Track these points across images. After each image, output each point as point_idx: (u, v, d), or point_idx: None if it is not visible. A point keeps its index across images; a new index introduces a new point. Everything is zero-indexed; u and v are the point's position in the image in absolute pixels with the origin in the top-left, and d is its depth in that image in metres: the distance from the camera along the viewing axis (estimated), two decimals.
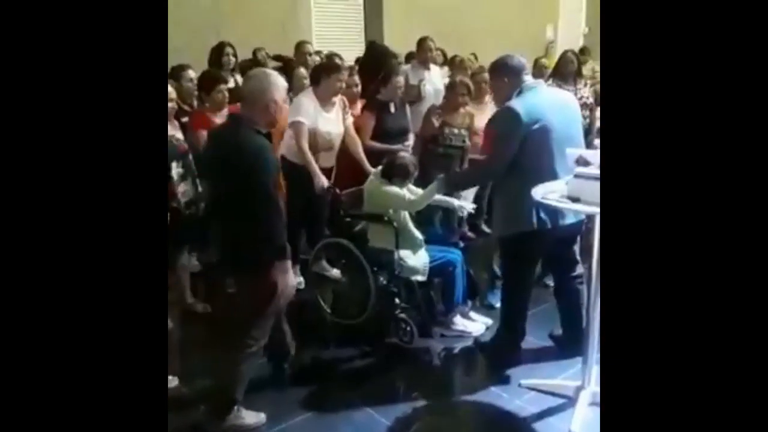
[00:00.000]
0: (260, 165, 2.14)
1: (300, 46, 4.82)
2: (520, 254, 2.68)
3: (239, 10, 5.30)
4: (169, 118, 3.02)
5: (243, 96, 2.31)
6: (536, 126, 2.44)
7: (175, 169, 2.99)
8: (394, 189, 3.04)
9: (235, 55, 4.23)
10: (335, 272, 3.65)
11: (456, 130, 3.93)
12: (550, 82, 4.30)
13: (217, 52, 4.14)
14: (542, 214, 2.48)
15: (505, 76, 2.57)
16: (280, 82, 2.25)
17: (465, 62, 4.87)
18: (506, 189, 2.60)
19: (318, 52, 4.91)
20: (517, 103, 2.47)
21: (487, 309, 3.39)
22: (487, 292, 3.51)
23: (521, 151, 2.46)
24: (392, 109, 3.84)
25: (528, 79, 2.61)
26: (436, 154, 3.91)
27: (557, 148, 2.46)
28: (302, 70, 4.17)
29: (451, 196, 3.20)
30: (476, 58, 5.53)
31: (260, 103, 2.19)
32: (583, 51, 6.12)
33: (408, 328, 3.00)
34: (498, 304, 3.36)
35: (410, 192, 3.11)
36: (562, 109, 2.58)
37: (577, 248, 2.86)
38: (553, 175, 2.44)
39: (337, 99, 3.61)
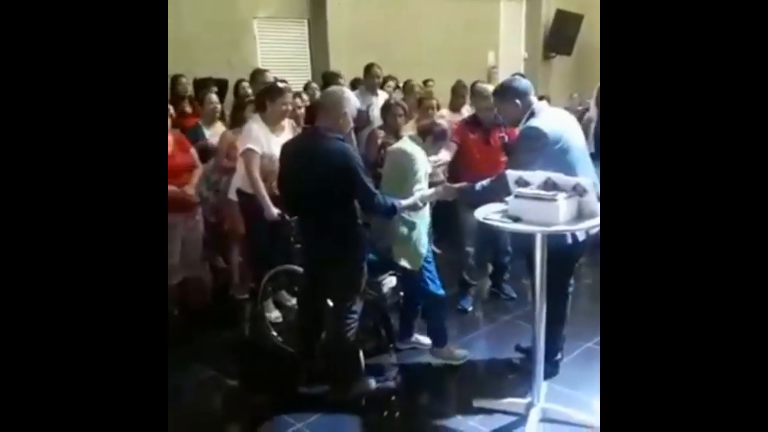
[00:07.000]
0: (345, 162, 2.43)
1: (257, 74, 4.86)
2: (567, 264, 2.72)
3: (190, 39, 5.29)
4: None
5: (320, 107, 2.67)
6: (558, 146, 2.49)
7: None
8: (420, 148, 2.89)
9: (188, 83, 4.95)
10: (293, 301, 3.60)
11: None
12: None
13: (174, 82, 4.79)
14: None
15: (515, 98, 2.59)
16: (352, 98, 2.61)
17: (415, 87, 5.25)
18: None
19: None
20: (540, 123, 2.50)
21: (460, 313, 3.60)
22: (459, 298, 3.69)
23: (549, 167, 2.41)
24: None
25: (535, 100, 2.63)
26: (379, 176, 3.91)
27: (578, 162, 2.52)
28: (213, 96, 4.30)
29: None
30: (430, 83, 5.75)
31: (335, 114, 2.51)
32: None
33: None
34: (470, 308, 3.68)
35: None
36: (574, 127, 2.67)
37: None
38: None
39: (286, 122, 3.60)
